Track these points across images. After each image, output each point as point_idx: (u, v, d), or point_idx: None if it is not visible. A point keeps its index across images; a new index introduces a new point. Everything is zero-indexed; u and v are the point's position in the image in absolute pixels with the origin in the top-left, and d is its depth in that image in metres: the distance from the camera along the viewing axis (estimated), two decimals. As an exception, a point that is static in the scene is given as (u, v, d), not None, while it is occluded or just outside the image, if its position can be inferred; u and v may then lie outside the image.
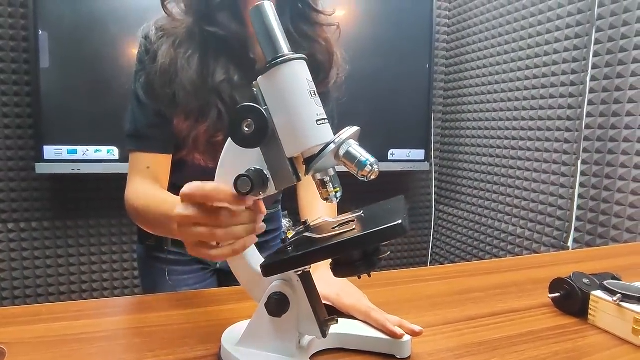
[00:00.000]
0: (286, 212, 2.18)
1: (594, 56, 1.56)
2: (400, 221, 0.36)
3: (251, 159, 0.42)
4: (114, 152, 1.76)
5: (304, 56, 0.41)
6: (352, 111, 2.23)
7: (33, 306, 0.62)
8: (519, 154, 1.93)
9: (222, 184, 0.42)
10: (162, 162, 0.72)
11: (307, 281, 0.45)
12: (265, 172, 0.42)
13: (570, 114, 1.67)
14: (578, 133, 1.63)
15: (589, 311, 0.60)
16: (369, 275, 0.41)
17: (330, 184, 0.42)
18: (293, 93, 0.40)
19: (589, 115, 1.59)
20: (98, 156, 1.75)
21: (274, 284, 0.44)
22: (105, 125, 1.71)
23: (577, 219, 1.65)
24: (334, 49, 0.76)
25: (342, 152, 0.40)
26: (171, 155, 0.73)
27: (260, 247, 1.00)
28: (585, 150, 1.60)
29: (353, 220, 0.45)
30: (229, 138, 0.43)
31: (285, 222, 2.21)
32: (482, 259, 2.18)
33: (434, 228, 2.57)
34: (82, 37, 1.68)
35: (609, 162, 1.52)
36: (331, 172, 0.42)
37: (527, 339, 0.56)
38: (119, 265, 2.04)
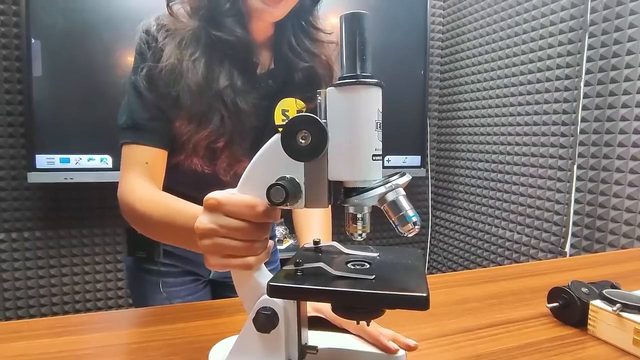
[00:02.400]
0: (282, 219, 2.16)
1: (587, 62, 1.56)
2: (426, 295, 0.34)
3: (290, 167, 0.39)
4: (107, 160, 1.74)
5: (382, 83, 0.39)
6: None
7: (14, 322, 0.60)
8: (514, 159, 1.92)
9: (256, 200, 0.40)
10: (159, 159, 0.69)
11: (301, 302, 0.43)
12: (300, 184, 0.40)
13: (565, 119, 1.67)
14: (573, 138, 1.62)
15: (589, 321, 0.59)
16: (368, 324, 0.40)
17: (361, 221, 0.40)
18: (361, 118, 0.37)
19: (583, 120, 1.58)
20: (91, 165, 1.73)
21: (264, 297, 0.43)
22: (98, 133, 1.69)
23: (574, 224, 1.64)
24: (334, 66, 0.77)
25: (388, 198, 0.38)
26: (167, 152, 0.70)
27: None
28: (580, 155, 1.60)
29: (370, 263, 0.43)
30: (270, 141, 0.41)
31: (281, 229, 2.19)
32: (479, 265, 2.16)
33: (430, 234, 2.56)
34: (74, 45, 1.67)
35: (605, 167, 1.51)
36: (366, 209, 0.40)
37: (525, 351, 0.55)
38: (113, 275, 2.01)
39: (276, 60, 0.75)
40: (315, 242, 0.47)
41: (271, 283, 0.38)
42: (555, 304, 0.62)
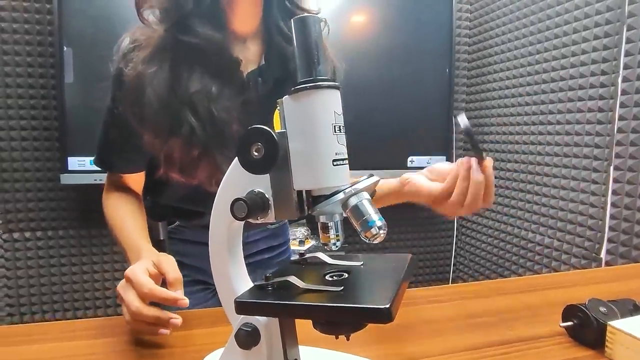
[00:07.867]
0: (304, 220, 2.16)
1: (625, 56, 1.45)
2: (388, 305, 0.32)
3: (257, 181, 0.39)
4: (134, 162, 1.81)
5: (337, 85, 0.38)
6: (372, 118, 2.20)
7: (26, 325, 0.63)
8: (546, 159, 1.83)
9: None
10: (128, 177, 0.77)
11: (285, 319, 0.42)
12: (268, 197, 0.39)
13: (600, 118, 1.57)
14: (609, 138, 1.52)
15: (606, 343, 0.54)
16: (347, 339, 0.38)
17: (333, 230, 0.39)
18: (316, 123, 0.37)
19: (621, 118, 1.48)
20: (119, 167, 1.80)
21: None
22: (125, 136, 1.75)
23: (610, 228, 1.54)
24: (325, 45, 0.73)
25: (350, 204, 0.37)
26: (139, 171, 0.76)
27: (264, 264, 0.96)
28: (617, 156, 1.50)
29: (349, 272, 0.42)
30: (235, 159, 0.40)
31: (303, 230, 2.19)
32: (508, 270, 2.08)
33: (456, 237, 2.48)
34: (103, 52, 1.73)
35: (644, 169, 1.41)
36: (336, 217, 0.40)
37: (534, 373, 0.51)
38: (140, 273, 2.08)
39: (267, 54, 0.71)
40: (301, 255, 0.46)
41: (237, 300, 0.38)
42: (569, 323, 0.58)
